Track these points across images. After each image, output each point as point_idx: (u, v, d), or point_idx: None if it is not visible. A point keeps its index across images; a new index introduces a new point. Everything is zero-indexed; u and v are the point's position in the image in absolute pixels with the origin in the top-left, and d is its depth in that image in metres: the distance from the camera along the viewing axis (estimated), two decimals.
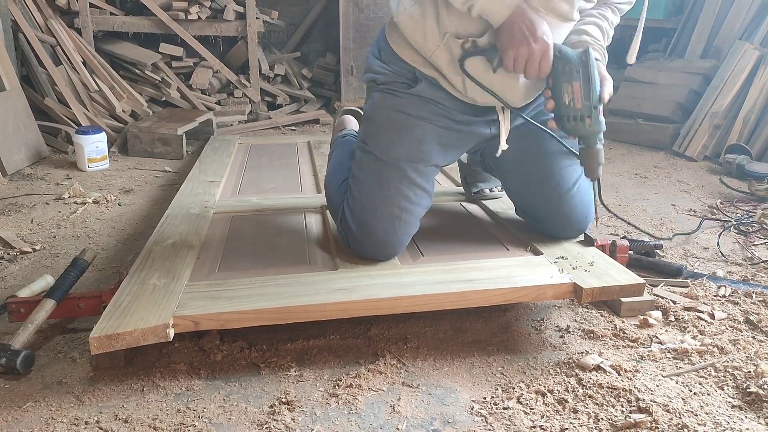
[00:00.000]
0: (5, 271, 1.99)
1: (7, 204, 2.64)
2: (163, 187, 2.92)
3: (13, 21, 3.54)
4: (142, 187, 2.91)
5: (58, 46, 3.80)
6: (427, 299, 1.46)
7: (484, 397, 1.35)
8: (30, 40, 3.60)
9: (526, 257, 1.70)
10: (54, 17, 3.87)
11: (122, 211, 2.58)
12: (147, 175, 3.11)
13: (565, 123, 1.53)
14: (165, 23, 4.05)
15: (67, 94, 3.62)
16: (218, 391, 1.37)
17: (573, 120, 1.52)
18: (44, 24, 3.81)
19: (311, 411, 1.30)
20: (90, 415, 1.28)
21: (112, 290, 1.53)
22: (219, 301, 1.43)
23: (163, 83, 4.10)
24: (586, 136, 1.52)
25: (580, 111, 1.50)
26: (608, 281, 1.52)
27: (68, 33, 3.89)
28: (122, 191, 2.85)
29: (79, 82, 3.77)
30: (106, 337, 1.29)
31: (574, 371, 1.42)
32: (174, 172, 3.18)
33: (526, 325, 1.65)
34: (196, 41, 4.16)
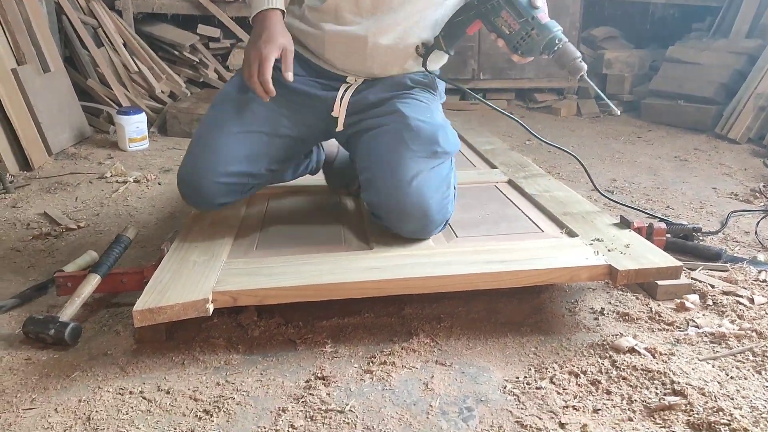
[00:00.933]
0: (52, 247, 2.06)
1: (53, 182, 2.72)
2: None
3: (56, 3, 3.62)
4: None
5: (99, 28, 3.87)
6: (460, 279, 1.47)
7: (516, 377, 1.36)
8: (73, 22, 3.68)
9: (561, 239, 1.70)
10: None
11: (162, 190, 2.63)
12: None
13: (520, 48, 1.57)
14: (203, 5, 4.10)
15: (109, 75, 3.70)
16: (256, 365, 1.41)
17: (523, 42, 1.56)
18: (86, 6, 3.88)
19: (346, 386, 1.33)
20: (134, 385, 1.33)
21: (154, 266, 1.57)
22: (257, 277, 1.47)
23: (200, 64, 4.15)
24: (543, 44, 1.55)
25: (523, 30, 1.55)
26: (644, 264, 1.51)
27: (109, 15, 3.96)
28: (162, 170, 2.91)
29: (119, 64, 3.84)
30: (149, 310, 1.33)
31: (607, 353, 1.42)
32: None
33: (560, 307, 1.65)
34: (233, 22, 4.20)
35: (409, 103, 1.67)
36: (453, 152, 1.69)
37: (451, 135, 1.67)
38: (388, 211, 1.62)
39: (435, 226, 1.64)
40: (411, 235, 1.64)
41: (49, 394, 1.30)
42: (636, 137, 3.63)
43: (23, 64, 3.02)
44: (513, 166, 2.36)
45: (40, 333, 1.47)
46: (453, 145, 1.68)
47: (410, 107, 1.66)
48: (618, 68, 4.45)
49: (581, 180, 2.79)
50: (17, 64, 2.98)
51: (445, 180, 1.66)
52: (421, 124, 1.61)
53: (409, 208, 1.58)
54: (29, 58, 3.07)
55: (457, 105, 4.55)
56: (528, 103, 4.62)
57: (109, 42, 3.87)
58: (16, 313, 1.63)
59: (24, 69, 2.99)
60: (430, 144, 1.61)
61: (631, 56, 4.45)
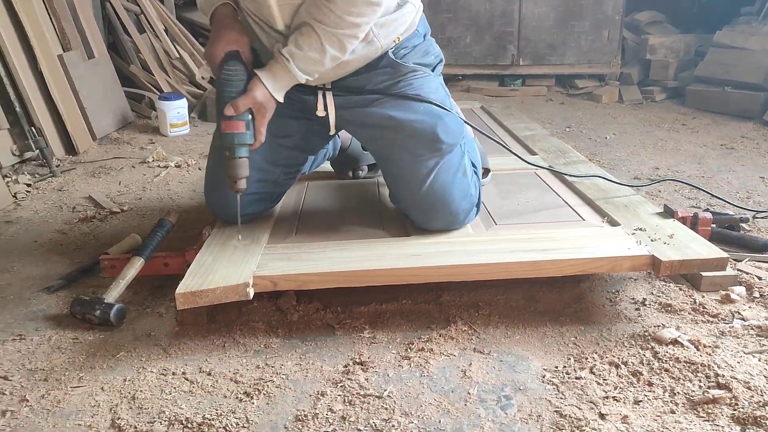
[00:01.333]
0: (97, 230, 2.11)
1: (97, 166, 2.78)
2: None
3: None
4: None
5: (141, 15, 3.93)
6: (500, 267, 1.46)
7: (555, 366, 1.35)
8: (116, 8, 3.74)
9: (603, 228, 1.67)
10: None
11: (202, 175, 2.67)
12: None
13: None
14: None
15: (150, 61, 3.75)
16: (295, 349, 1.42)
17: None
18: None
19: (384, 372, 1.33)
20: (177, 366, 1.36)
21: (195, 250, 1.60)
22: (296, 262, 1.48)
23: None
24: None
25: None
26: (688, 254, 1.48)
27: (151, 1, 4.01)
28: (202, 156, 2.95)
29: (161, 50, 3.89)
30: (191, 293, 1.36)
31: (649, 344, 1.40)
32: None
33: (601, 297, 1.63)
34: None
35: (399, 104, 1.59)
36: (459, 140, 1.64)
37: (451, 122, 1.61)
38: (416, 216, 1.65)
39: (464, 216, 1.65)
40: (444, 229, 1.64)
41: (96, 372, 1.34)
42: (680, 125, 3.54)
43: (69, 50, 3.09)
44: (553, 152, 2.33)
45: (87, 313, 1.50)
46: (456, 134, 1.63)
47: (401, 108, 1.58)
48: (662, 54, 4.34)
49: (622, 168, 2.74)
50: (63, 51, 3.05)
51: (459, 168, 1.64)
52: (417, 126, 1.57)
53: (433, 211, 1.61)
54: (75, 45, 3.13)
55: (496, 91, 4.50)
56: (568, 89, 4.55)
57: (151, 28, 3.93)
58: (63, 293, 1.68)
59: (69, 55, 3.05)
60: (432, 142, 1.58)
61: (676, 41, 4.34)
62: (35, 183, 2.54)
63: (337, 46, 1.46)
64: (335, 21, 1.42)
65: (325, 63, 1.47)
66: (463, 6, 4.49)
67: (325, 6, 1.41)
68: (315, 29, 1.43)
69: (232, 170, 1.48)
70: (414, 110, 1.59)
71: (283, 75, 1.47)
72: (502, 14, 4.48)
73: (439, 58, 1.72)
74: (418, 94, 1.60)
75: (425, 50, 1.67)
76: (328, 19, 1.42)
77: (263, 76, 1.47)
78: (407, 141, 1.58)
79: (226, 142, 1.47)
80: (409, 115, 1.58)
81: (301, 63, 1.46)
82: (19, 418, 1.21)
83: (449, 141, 1.60)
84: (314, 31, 1.43)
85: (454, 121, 1.63)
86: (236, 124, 1.45)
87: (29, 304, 1.63)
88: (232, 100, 1.44)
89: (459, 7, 4.49)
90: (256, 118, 1.48)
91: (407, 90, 1.60)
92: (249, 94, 1.45)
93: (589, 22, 4.41)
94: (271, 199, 1.77)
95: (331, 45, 1.45)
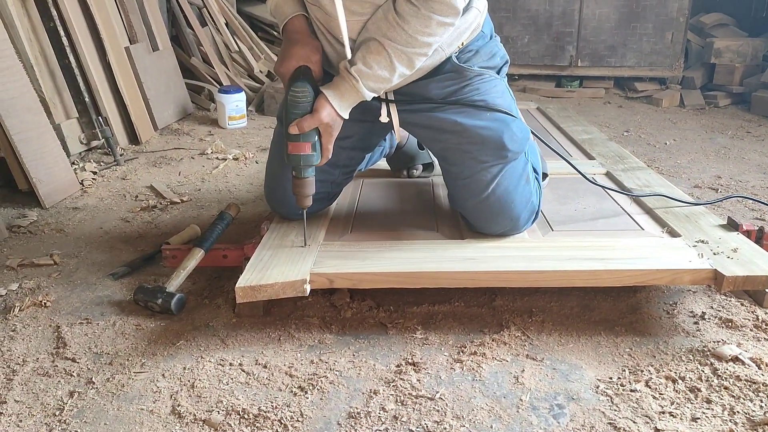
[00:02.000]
0: (158, 219, 2.18)
1: (158, 156, 2.86)
2: None
3: None
4: None
5: (204, 8, 4.01)
6: (557, 275, 1.45)
7: (610, 377, 1.33)
8: (180, 2, 3.83)
9: (662, 239, 1.64)
10: None
11: (259, 169, 2.72)
12: None
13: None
14: None
15: (211, 54, 3.84)
16: (348, 346, 1.45)
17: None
18: None
19: (436, 374, 1.34)
20: (234, 357, 1.40)
21: (254, 244, 1.63)
22: (352, 261, 1.50)
23: None
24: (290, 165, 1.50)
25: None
26: (753, 270, 1.44)
27: None
28: (259, 149, 3.01)
29: (221, 43, 3.98)
30: (250, 288, 1.39)
31: (708, 360, 1.37)
32: None
33: (658, 308, 1.60)
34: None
35: (465, 111, 1.56)
36: (524, 147, 1.62)
37: (518, 129, 1.59)
38: (475, 219, 1.64)
39: (524, 222, 1.64)
40: (503, 234, 1.64)
41: (157, 359, 1.39)
42: (745, 132, 3.43)
43: (135, 42, 3.18)
44: (611, 157, 2.29)
45: (149, 302, 1.56)
46: (522, 141, 1.60)
47: (468, 114, 1.56)
48: (728, 58, 4.20)
49: (682, 175, 2.68)
50: (130, 43, 3.14)
51: (523, 175, 1.62)
52: (484, 133, 1.55)
53: (494, 217, 1.60)
54: (141, 37, 3.23)
55: (553, 92, 4.44)
56: (627, 92, 4.45)
57: (213, 22, 4.01)
58: (126, 280, 1.74)
59: (136, 47, 3.14)
60: (498, 150, 1.56)
61: (743, 45, 4.19)
62: (100, 171, 2.64)
63: (406, 64, 1.44)
64: (407, 40, 1.40)
65: (393, 80, 1.46)
66: (522, 5, 4.44)
67: (398, 25, 1.39)
68: (385, 47, 1.41)
69: (298, 189, 1.51)
70: (480, 116, 1.56)
71: (350, 94, 1.45)
72: (562, 14, 4.42)
73: (505, 59, 1.68)
74: (484, 99, 1.57)
75: (491, 52, 1.63)
76: (399, 38, 1.40)
77: (330, 95, 1.44)
78: (472, 147, 1.57)
79: (293, 162, 1.48)
80: (476, 121, 1.56)
81: (369, 81, 1.44)
82: (86, 400, 1.26)
83: (515, 149, 1.58)
84: (384, 49, 1.41)
85: (520, 128, 1.61)
86: (302, 145, 1.46)
87: (95, 289, 1.70)
88: (297, 119, 1.44)
89: (518, 6, 4.45)
90: (323, 137, 1.47)
91: (473, 95, 1.57)
92: (315, 114, 1.43)
93: (651, 24, 4.30)
94: (329, 198, 1.80)
95: (400, 62, 1.43)
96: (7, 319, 1.55)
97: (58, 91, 2.66)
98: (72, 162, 2.61)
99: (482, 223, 1.63)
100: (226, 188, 2.49)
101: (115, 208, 2.28)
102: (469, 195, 1.62)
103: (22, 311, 1.58)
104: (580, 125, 2.80)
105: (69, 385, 1.30)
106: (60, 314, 1.57)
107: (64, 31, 2.67)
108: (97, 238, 2.02)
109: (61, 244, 1.98)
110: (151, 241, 1.99)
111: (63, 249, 1.94)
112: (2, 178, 2.41)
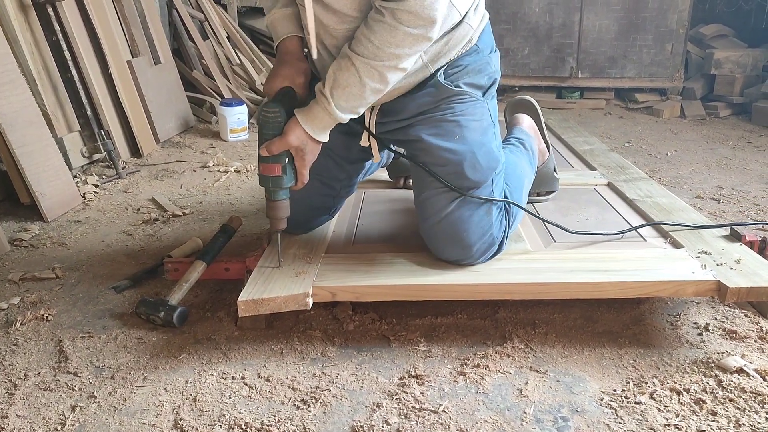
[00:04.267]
0: (160, 232, 2.18)
1: (160, 169, 2.87)
2: None
3: None
4: None
5: (205, 21, 4.03)
6: (560, 287, 1.45)
7: (614, 390, 1.32)
8: (182, 15, 3.85)
9: (665, 249, 1.64)
10: None
11: None
12: None
13: None
14: None
15: (212, 67, 3.85)
16: (351, 359, 1.44)
17: None
18: (194, 0, 4.05)
19: (439, 386, 1.33)
20: (236, 370, 1.39)
21: (256, 257, 1.63)
22: (355, 274, 1.50)
23: None
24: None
25: None
26: (757, 281, 1.43)
27: (215, 8, 4.12)
28: None
29: (223, 56, 3.99)
30: (253, 301, 1.39)
31: (713, 372, 1.36)
32: None
33: (661, 320, 1.60)
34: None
35: (437, 130, 1.52)
36: (488, 177, 1.54)
37: (483, 158, 1.53)
38: (428, 241, 1.59)
39: (478, 254, 1.54)
40: (455, 262, 1.56)
41: (159, 373, 1.38)
42: (746, 142, 3.43)
43: (137, 56, 3.19)
44: (613, 168, 2.30)
45: (151, 315, 1.55)
46: (486, 171, 1.54)
47: (437, 134, 1.52)
48: (728, 68, 4.21)
49: (684, 186, 2.68)
50: (132, 56, 3.16)
51: (483, 206, 1.54)
52: (446, 155, 1.51)
53: (445, 242, 1.54)
54: (143, 51, 3.24)
55: (554, 104, 4.45)
56: (628, 103, 4.46)
57: (214, 35, 4.03)
58: (128, 293, 1.74)
59: (138, 61, 3.16)
60: (457, 176, 1.51)
61: (743, 56, 4.21)
62: (102, 184, 2.64)
63: (377, 79, 1.37)
64: (374, 52, 1.34)
65: (366, 97, 1.39)
66: (522, 17, 4.46)
67: (365, 36, 1.34)
68: (353, 62, 1.35)
69: (270, 211, 1.48)
70: (449, 136, 1.51)
71: (323, 116, 1.40)
72: (562, 26, 4.43)
73: (493, 78, 1.60)
74: (457, 120, 1.51)
75: (479, 69, 1.55)
76: (366, 50, 1.34)
77: (301, 118, 1.40)
78: (434, 168, 1.53)
79: (263, 184, 1.46)
80: (441, 142, 1.51)
81: (341, 101, 1.38)
82: (88, 414, 1.25)
83: (476, 178, 1.52)
84: (353, 64, 1.35)
85: (488, 157, 1.54)
86: (271, 167, 1.43)
87: (97, 302, 1.70)
88: (267, 141, 1.42)
89: (518, 18, 4.47)
90: (296, 160, 1.44)
91: (446, 114, 1.51)
92: (283, 137, 1.40)
93: (651, 35, 4.32)
94: (330, 212, 1.79)
95: (370, 78, 1.36)
96: (8, 333, 1.54)
97: (61, 104, 2.67)
98: (74, 175, 2.62)
99: (434, 246, 1.57)
100: (228, 201, 2.49)
101: (116, 222, 2.28)
102: (424, 216, 1.56)
103: (23, 325, 1.58)
104: (581, 136, 2.80)
105: (71, 400, 1.30)
106: (62, 328, 1.57)
107: (67, 45, 2.68)
108: (98, 252, 2.02)
109: (63, 257, 1.98)
110: (152, 254, 1.99)
111: (65, 262, 1.94)
112: (4, 191, 2.41)
